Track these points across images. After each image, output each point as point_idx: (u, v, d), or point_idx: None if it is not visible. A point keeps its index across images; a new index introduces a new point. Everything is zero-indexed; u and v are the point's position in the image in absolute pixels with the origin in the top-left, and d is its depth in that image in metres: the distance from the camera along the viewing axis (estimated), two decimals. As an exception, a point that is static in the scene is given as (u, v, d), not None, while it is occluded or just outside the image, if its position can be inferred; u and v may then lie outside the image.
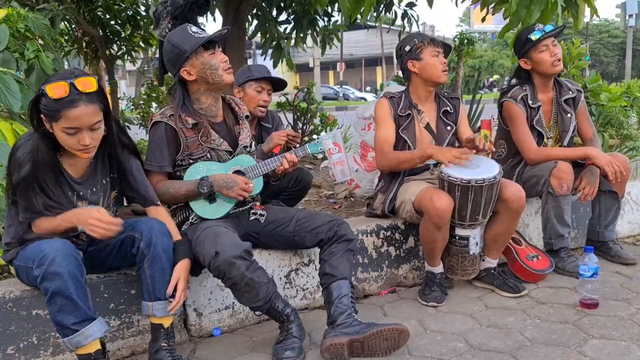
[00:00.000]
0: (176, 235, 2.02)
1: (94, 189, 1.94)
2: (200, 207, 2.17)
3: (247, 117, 2.33)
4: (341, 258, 2.13)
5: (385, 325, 1.98)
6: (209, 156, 2.17)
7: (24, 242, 1.88)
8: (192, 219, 2.18)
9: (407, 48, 2.64)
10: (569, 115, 2.91)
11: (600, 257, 2.69)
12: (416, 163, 2.54)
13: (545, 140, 2.90)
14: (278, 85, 2.98)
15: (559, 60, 2.82)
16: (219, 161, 2.20)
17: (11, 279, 2.07)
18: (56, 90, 1.68)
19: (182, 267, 1.96)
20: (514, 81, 2.98)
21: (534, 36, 2.80)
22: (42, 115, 1.74)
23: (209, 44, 2.13)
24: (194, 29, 2.14)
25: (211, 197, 2.15)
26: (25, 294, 1.93)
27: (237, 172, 2.21)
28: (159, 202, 2.09)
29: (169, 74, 2.25)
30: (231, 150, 2.22)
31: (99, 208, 1.82)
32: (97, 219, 1.74)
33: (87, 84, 1.72)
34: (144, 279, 1.91)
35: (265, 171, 2.24)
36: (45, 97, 1.70)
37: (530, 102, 2.85)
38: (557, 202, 2.71)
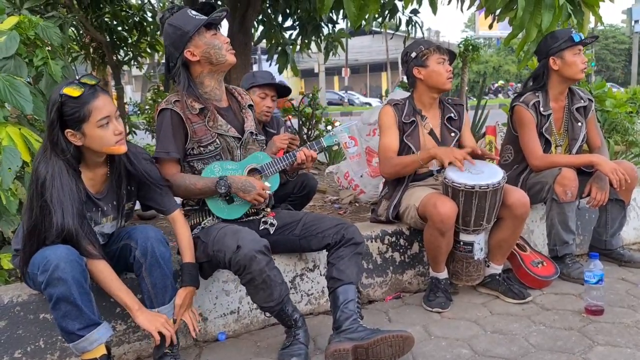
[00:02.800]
0: (190, 257, 2.04)
1: (114, 202, 1.95)
2: (216, 206, 2.16)
3: (250, 106, 2.33)
4: (349, 262, 2.13)
5: (390, 332, 1.97)
6: (218, 142, 2.15)
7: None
8: (204, 223, 2.18)
9: (413, 54, 2.65)
10: (579, 123, 2.92)
11: (607, 264, 2.69)
12: (419, 165, 2.55)
13: (553, 148, 2.90)
14: (282, 91, 3.00)
15: (586, 68, 2.85)
16: (230, 151, 2.19)
17: (18, 283, 2.09)
18: (73, 90, 1.75)
19: (186, 294, 1.98)
20: (530, 84, 2.98)
21: (576, 37, 2.81)
22: (67, 132, 1.77)
23: (210, 25, 2.14)
24: (194, 12, 2.14)
25: (229, 198, 2.15)
26: (32, 298, 1.95)
27: (254, 169, 2.21)
28: (178, 208, 2.10)
29: (170, 62, 2.20)
30: (239, 136, 2.21)
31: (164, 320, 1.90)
32: (163, 323, 1.86)
33: (90, 78, 1.81)
34: (144, 286, 1.91)
35: (282, 167, 2.24)
36: (67, 103, 1.74)
37: (541, 109, 2.85)
38: (562, 209, 2.71)
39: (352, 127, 2.29)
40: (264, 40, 5.48)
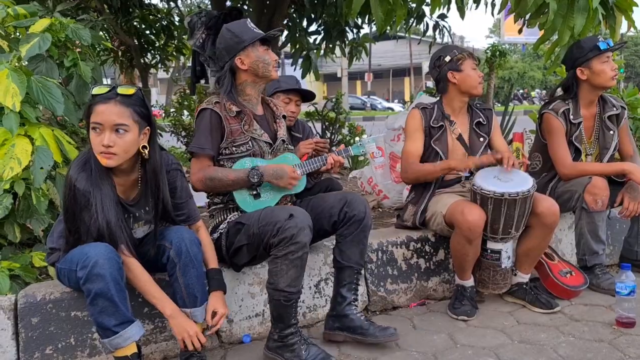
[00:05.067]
0: (215, 262, 2.05)
1: (147, 208, 1.97)
2: (243, 200, 2.19)
3: (284, 116, 2.41)
4: (350, 242, 2.19)
5: (376, 338, 2.14)
6: (251, 145, 2.21)
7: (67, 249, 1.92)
8: (229, 218, 2.20)
9: (447, 58, 2.64)
10: (611, 132, 2.85)
11: (639, 275, 2.63)
12: (438, 175, 2.56)
13: (584, 157, 2.85)
14: (307, 96, 3.01)
15: (616, 75, 2.79)
16: (261, 155, 2.24)
17: (50, 280, 2.14)
18: (100, 89, 1.80)
19: (217, 298, 2.00)
20: (559, 93, 2.94)
21: (602, 45, 2.76)
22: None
23: (264, 40, 2.24)
24: (253, 24, 2.27)
25: (256, 194, 2.19)
26: (65, 295, 1.98)
27: None
28: (200, 219, 2.12)
29: (219, 62, 2.29)
30: (271, 142, 2.27)
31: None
32: (195, 334, 1.88)
33: (126, 88, 1.82)
34: (177, 287, 1.92)
35: (310, 170, 2.29)
36: (90, 100, 1.80)
37: (571, 117, 2.80)
38: (592, 218, 2.66)
39: (380, 139, 2.33)
40: (288, 45, 5.51)
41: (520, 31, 3.94)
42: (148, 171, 1.91)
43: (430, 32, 5.49)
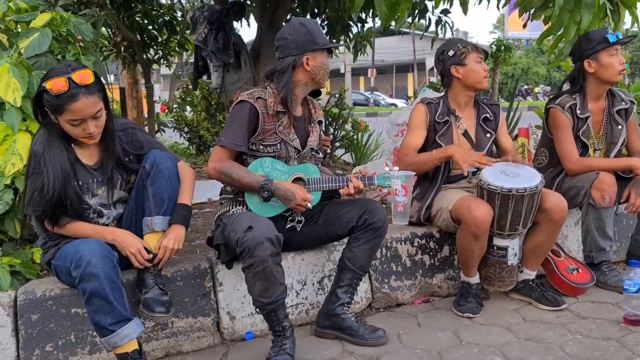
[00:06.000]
0: (186, 199, 2.05)
1: (109, 174, 1.99)
2: (252, 201, 2.15)
3: (320, 122, 2.36)
4: (363, 245, 2.18)
5: (365, 340, 2.15)
6: (279, 147, 2.17)
7: (58, 240, 1.92)
8: (233, 210, 2.16)
9: (451, 53, 2.60)
10: (619, 127, 2.81)
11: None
12: (435, 164, 2.51)
13: (591, 152, 2.80)
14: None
15: (624, 70, 2.73)
16: (286, 159, 2.19)
17: (51, 277, 2.11)
18: (56, 86, 1.76)
19: (174, 232, 1.97)
20: (566, 87, 2.89)
21: (611, 38, 2.70)
22: (46, 109, 1.82)
23: (329, 49, 2.23)
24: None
25: (266, 197, 2.13)
26: (65, 292, 1.97)
27: (298, 179, 2.19)
28: (179, 159, 2.12)
29: (281, 52, 2.20)
30: (300, 149, 2.23)
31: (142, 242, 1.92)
32: (137, 251, 1.88)
33: (84, 76, 1.79)
34: (146, 196, 1.95)
35: (326, 188, 2.20)
36: (47, 94, 1.78)
37: (578, 111, 2.75)
38: (599, 214, 2.62)
39: (410, 178, 2.22)
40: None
41: (524, 26, 3.90)
42: (106, 136, 1.95)
43: (432, 28, 5.44)
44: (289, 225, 2.22)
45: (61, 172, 1.83)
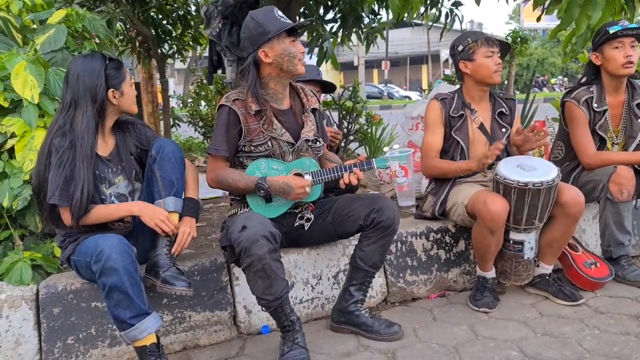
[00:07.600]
0: (192, 193, 2.10)
1: (122, 164, 2.04)
2: (255, 203, 2.15)
3: (314, 110, 2.28)
4: (373, 244, 2.16)
5: (380, 336, 2.16)
6: (270, 145, 2.13)
7: (77, 236, 1.94)
8: (239, 212, 2.17)
9: (460, 48, 2.57)
10: (639, 120, 2.76)
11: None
12: (458, 174, 2.51)
13: (609, 145, 2.76)
14: (327, 87, 2.96)
15: (631, 62, 2.62)
16: (281, 155, 2.16)
17: (71, 271, 2.15)
18: (108, 54, 1.96)
19: (187, 223, 2.02)
20: (583, 79, 2.84)
21: (612, 29, 2.63)
22: (110, 92, 1.93)
23: (292, 31, 2.09)
24: (280, 13, 2.11)
25: (268, 197, 2.12)
26: (85, 286, 2.00)
27: (297, 174, 2.15)
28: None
29: (243, 52, 2.18)
30: (293, 142, 2.17)
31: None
32: (166, 217, 1.94)
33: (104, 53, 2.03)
34: (154, 180, 2.00)
35: (326, 180, 2.15)
36: (109, 65, 1.94)
37: (595, 105, 2.70)
38: (617, 208, 2.59)
39: (410, 155, 2.15)
40: (305, 33, 5.45)
41: (538, 19, 3.84)
42: (121, 127, 2.06)
43: (442, 19, 5.36)
44: (297, 224, 2.21)
45: (91, 161, 1.90)
